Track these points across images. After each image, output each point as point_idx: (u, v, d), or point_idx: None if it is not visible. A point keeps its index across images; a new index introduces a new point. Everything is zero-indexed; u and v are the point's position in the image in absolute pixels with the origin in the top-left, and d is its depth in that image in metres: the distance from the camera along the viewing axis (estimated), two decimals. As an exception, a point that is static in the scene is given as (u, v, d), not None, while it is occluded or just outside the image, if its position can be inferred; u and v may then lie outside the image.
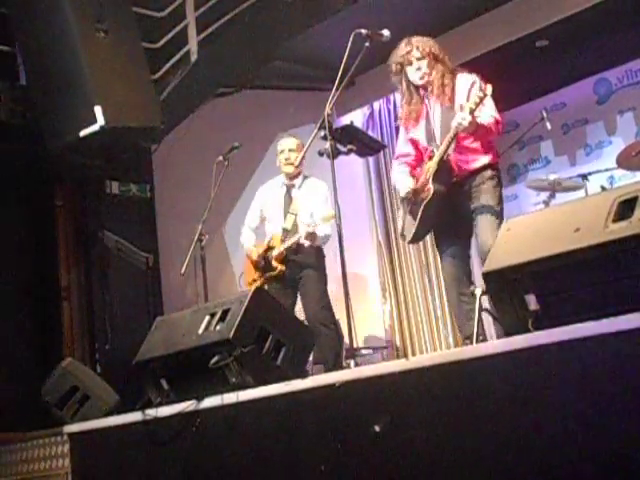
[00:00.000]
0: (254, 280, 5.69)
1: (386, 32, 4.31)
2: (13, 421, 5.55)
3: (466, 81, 4.37)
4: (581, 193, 6.36)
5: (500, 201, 4.34)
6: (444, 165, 4.31)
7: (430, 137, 4.44)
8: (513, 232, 3.10)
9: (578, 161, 7.31)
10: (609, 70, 7.12)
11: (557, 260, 2.81)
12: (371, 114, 8.27)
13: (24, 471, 4.82)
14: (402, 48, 4.43)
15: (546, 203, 6.51)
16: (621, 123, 7.10)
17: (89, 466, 4.44)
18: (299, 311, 5.72)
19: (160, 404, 4.08)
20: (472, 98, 4.13)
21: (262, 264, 5.66)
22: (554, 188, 6.46)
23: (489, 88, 4.18)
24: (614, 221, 2.73)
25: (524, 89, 7.15)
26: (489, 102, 4.28)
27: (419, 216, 4.39)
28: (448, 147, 4.25)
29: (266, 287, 5.60)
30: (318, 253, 5.60)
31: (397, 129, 8.07)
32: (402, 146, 4.68)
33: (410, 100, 4.49)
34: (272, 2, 6.39)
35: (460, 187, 4.37)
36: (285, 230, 5.64)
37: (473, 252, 4.57)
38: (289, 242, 5.55)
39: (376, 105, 8.23)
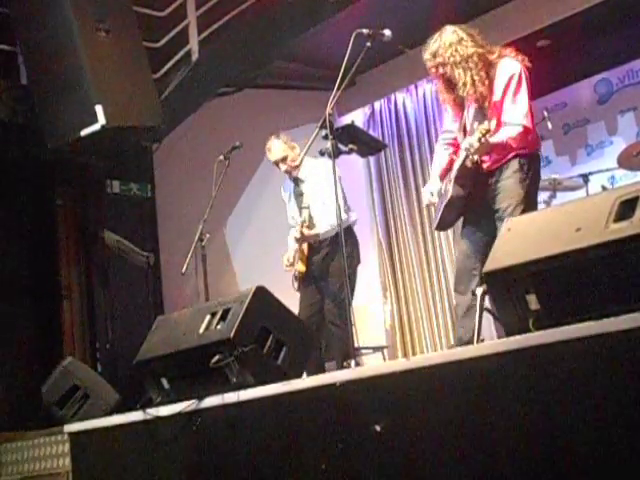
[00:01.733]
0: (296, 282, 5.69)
1: (387, 32, 4.29)
2: (13, 420, 5.55)
3: (506, 72, 4.12)
4: (582, 193, 6.36)
5: (523, 200, 4.08)
6: (467, 171, 4.18)
7: (462, 130, 4.33)
8: (514, 232, 3.10)
9: (579, 161, 7.30)
10: (610, 70, 7.12)
11: (558, 260, 2.81)
12: (372, 114, 8.28)
13: (24, 470, 4.82)
14: (424, 55, 4.26)
15: (547, 203, 6.51)
16: (622, 123, 7.09)
17: (89, 465, 4.43)
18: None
19: (161, 403, 4.07)
20: (483, 125, 3.94)
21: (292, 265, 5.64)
22: (555, 188, 6.46)
23: (514, 84, 4.05)
24: (615, 221, 2.72)
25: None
26: (522, 103, 4.09)
27: (441, 211, 4.32)
28: (464, 161, 4.16)
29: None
30: (338, 245, 4.98)
31: (398, 127, 8.16)
32: (448, 122, 4.55)
33: (446, 90, 4.31)
34: (272, 2, 6.39)
35: (485, 181, 4.21)
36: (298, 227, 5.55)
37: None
38: (295, 244, 5.55)
39: (377, 105, 8.24)
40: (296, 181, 5.71)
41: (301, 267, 5.57)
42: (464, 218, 4.41)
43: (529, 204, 4.13)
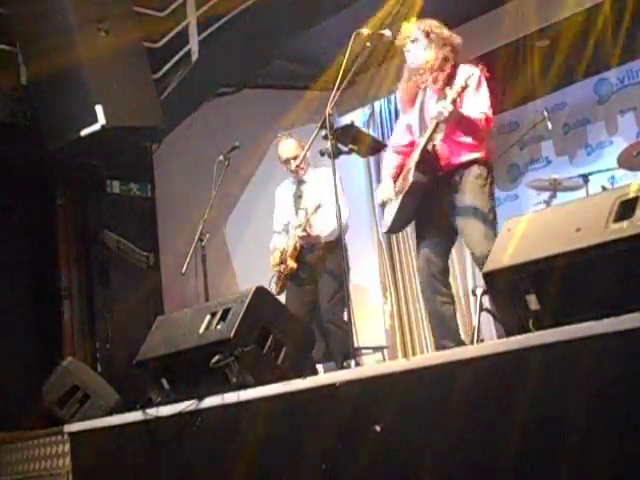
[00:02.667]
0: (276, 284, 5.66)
1: (387, 32, 4.30)
2: (13, 420, 5.55)
3: (464, 75, 4.16)
4: (582, 193, 6.35)
5: (487, 202, 4.14)
6: (428, 155, 4.16)
7: (423, 126, 4.30)
8: (513, 232, 3.10)
9: (579, 161, 7.29)
10: (610, 70, 7.11)
11: (558, 260, 2.81)
12: (372, 114, 8.28)
13: (24, 470, 4.82)
14: (400, 33, 4.33)
15: (547, 203, 6.51)
16: (622, 123, 7.08)
17: (89, 465, 4.43)
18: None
19: (160, 403, 4.07)
20: (454, 87, 4.00)
21: (280, 264, 5.62)
22: (555, 188, 6.45)
23: (474, 82, 4.10)
24: (615, 221, 2.73)
25: (524, 89, 7.15)
26: (484, 97, 4.16)
27: (397, 206, 4.27)
28: (430, 137, 4.13)
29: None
30: (335, 247, 5.18)
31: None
32: (396, 132, 4.60)
33: (407, 82, 4.38)
34: (272, 2, 6.39)
35: (445, 182, 4.20)
36: (299, 228, 5.54)
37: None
38: (292, 240, 5.54)
39: (377, 105, 8.23)
40: (299, 183, 5.72)
41: (292, 264, 5.54)
42: (421, 227, 4.37)
43: (492, 207, 4.17)
